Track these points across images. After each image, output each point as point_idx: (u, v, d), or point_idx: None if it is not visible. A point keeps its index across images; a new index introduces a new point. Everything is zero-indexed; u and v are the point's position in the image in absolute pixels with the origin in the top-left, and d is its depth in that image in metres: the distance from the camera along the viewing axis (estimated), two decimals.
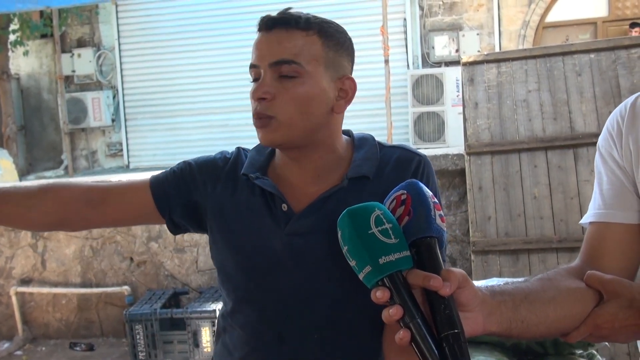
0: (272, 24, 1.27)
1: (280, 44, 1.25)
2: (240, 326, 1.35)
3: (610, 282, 1.08)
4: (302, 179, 1.34)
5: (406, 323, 0.88)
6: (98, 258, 4.81)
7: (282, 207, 1.31)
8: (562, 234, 3.69)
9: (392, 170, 1.33)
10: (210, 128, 10.86)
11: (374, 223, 0.92)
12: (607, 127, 1.22)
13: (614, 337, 1.10)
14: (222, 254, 1.37)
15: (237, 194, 1.36)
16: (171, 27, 10.89)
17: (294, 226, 1.30)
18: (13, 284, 4.90)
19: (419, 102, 9.38)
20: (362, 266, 0.91)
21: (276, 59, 1.25)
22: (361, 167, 1.32)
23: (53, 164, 11.71)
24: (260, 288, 1.33)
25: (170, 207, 1.40)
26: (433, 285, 0.88)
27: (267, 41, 1.27)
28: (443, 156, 4.22)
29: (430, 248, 0.94)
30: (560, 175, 3.78)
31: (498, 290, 1.03)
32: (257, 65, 1.28)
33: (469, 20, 10.14)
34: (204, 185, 1.39)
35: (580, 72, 3.97)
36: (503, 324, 1.00)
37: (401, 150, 1.38)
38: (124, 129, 11.33)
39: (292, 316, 1.30)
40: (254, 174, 1.35)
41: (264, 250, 1.32)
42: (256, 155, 1.40)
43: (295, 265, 1.30)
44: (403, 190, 0.99)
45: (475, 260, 3.81)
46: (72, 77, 11.22)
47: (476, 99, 4.07)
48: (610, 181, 1.20)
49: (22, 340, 4.90)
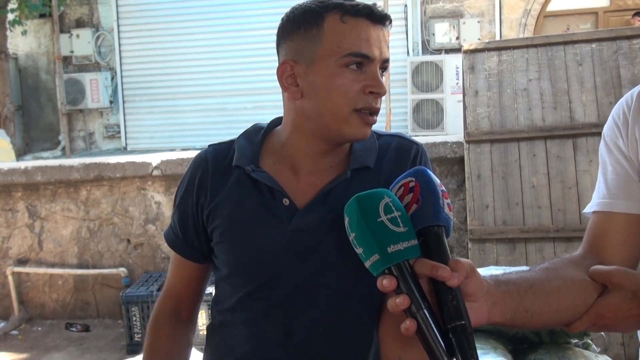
0: (378, 18, 1.23)
1: (386, 42, 1.25)
2: (243, 322, 1.33)
3: (614, 273, 1.08)
4: (303, 169, 1.31)
5: (412, 313, 0.87)
6: (95, 239, 4.81)
7: (283, 201, 1.28)
8: (559, 224, 3.69)
9: (391, 159, 1.33)
10: (207, 111, 10.85)
11: (383, 211, 0.90)
12: (612, 117, 1.21)
13: (617, 327, 1.10)
14: (225, 252, 1.33)
15: (232, 190, 1.32)
16: (170, 10, 10.84)
17: (299, 222, 1.27)
18: (10, 264, 4.90)
19: (418, 89, 9.37)
20: (370, 254, 0.90)
21: (387, 57, 1.25)
22: (363, 158, 1.31)
23: (50, 145, 11.69)
24: (266, 284, 1.30)
25: (205, 250, 1.40)
26: (441, 275, 0.88)
27: (377, 35, 1.23)
28: (442, 144, 4.21)
29: (438, 237, 0.93)
30: (559, 164, 3.78)
31: (503, 280, 1.03)
32: (372, 57, 1.21)
33: (470, 7, 10.11)
34: (198, 201, 1.35)
35: (581, 62, 3.95)
36: (507, 314, 1.00)
37: (398, 139, 1.37)
38: (122, 110, 11.30)
39: (298, 311, 1.29)
40: (249, 166, 1.30)
41: (268, 247, 1.28)
42: (247, 144, 1.35)
43: (300, 260, 1.27)
44: (411, 177, 0.97)
45: (472, 248, 3.81)
46: (70, 58, 11.17)
47: (476, 87, 4.06)
48: (615, 171, 1.19)
49: (18, 320, 4.91)
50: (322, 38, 1.21)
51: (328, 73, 1.21)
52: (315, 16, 1.22)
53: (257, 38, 10.17)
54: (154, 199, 4.67)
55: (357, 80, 1.21)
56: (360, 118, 1.22)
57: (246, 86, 10.52)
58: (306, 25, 1.23)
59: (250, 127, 1.41)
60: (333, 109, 1.22)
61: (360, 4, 1.22)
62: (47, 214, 4.84)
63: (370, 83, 1.21)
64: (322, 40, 1.21)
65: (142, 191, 4.68)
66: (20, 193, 4.87)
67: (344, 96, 1.21)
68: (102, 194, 4.75)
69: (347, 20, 1.21)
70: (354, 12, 1.21)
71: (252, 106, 10.49)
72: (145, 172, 4.59)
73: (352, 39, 1.20)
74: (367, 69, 1.21)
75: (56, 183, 4.77)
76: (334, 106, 1.22)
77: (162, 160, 4.56)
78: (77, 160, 4.94)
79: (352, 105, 1.21)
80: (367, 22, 1.22)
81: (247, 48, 10.38)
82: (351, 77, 1.20)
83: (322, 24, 1.22)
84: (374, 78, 1.21)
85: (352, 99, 1.21)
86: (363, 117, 1.22)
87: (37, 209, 4.85)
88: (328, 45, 1.21)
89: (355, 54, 1.20)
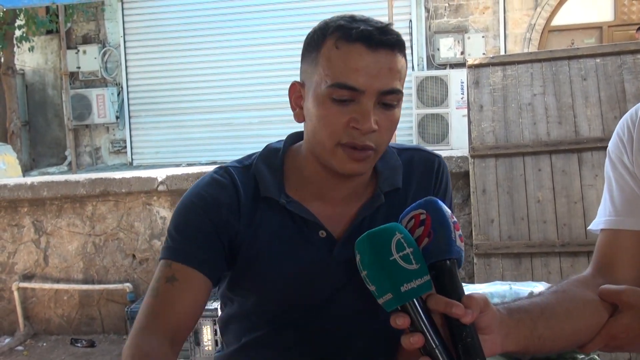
0: (378, 44, 1.11)
1: (391, 71, 1.12)
2: (276, 349, 1.29)
3: (625, 293, 1.07)
4: (329, 195, 1.24)
5: (427, 351, 0.87)
6: (100, 255, 4.81)
7: (319, 233, 1.22)
8: (565, 238, 3.68)
9: (417, 176, 1.29)
10: (213, 126, 10.88)
11: (395, 248, 0.88)
12: (617, 133, 1.20)
13: (630, 347, 1.09)
14: (260, 284, 1.25)
15: (267, 219, 1.24)
16: (176, 25, 10.90)
17: (340, 254, 1.22)
18: (15, 279, 4.90)
19: (423, 103, 9.38)
20: (383, 293, 0.89)
21: (388, 88, 1.13)
22: (392, 179, 1.26)
23: (57, 160, 11.73)
24: (306, 314, 1.26)
25: (219, 272, 1.26)
26: (455, 313, 0.87)
27: (375, 63, 1.10)
28: (447, 158, 4.21)
29: (450, 271, 0.92)
30: (564, 179, 3.77)
31: (514, 307, 1.02)
32: (361, 90, 1.11)
33: (474, 22, 10.14)
34: (227, 222, 1.23)
35: (585, 77, 3.96)
36: (521, 343, 0.99)
37: (419, 153, 1.32)
38: (128, 126, 11.35)
39: (333, 342, 1.26)
40: (280, 197, 1.23)
41: (312, 275, 1.23)
42: (268, 171, 1.26)
43: (339, 291, 1.24)
44: (422, 209, 0.96)
45: (477, 263, 3.80)
46: (77, 74, 11.24)
47: (481, 102, 4.07)
48: (620, 187, 1.19)
49: (24, 335, 4.90)
50: (318, 63, 1.14)
51: (317, 101, 1.14)
52: (317, 39, 1.16)
53: (264, 53, 10.23)
54: (160, 214, 4.67)
55: (344, 113, 1.12)
56: (345, 153, 1.14)
57: (252, 101, 10.56)
58: (310, 48, 1.18)
59: (265, 150, 1.31)
60: (320, 139, 1.16)
61: (359, 26, 1.12)
62: (52, 229, 4.85)
63: (356, 117, 1.12)
64: (318, 66, 1.14)
65: (148, 206, 4.69)
66: (26, 208, 4.88)
67: (328, 128, 1.13)
68: (108, 209, 4.76)
69: (341, 46, 1.12)
70: (348, 36, 1.11)
71: (258, 121, 10.51)
72: (150, 187, 4.60)
73: (341, 68, 1.11)
74: (358, 101, 1.12)
75: (62, 198, 4.79)
76: (320, 137, 1.16)
77: (167, 176, 4.57)
78: (83, 176, 4.96)
79: (336, 139, 1.14)
80: (363, 48, 1.11)
81: (253, 63, 10.43)
82: (336, 109, 1.12)
83: (321, 48, 1.15)
84: (361, 112, 1.11)
85: (336, 132, 1.13)
86: (348, 152, 1.14)
87: (42, 224, 4.86)
88: (321, 71, 1.13)
89: (339, 85, 1.11)
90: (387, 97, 1.13)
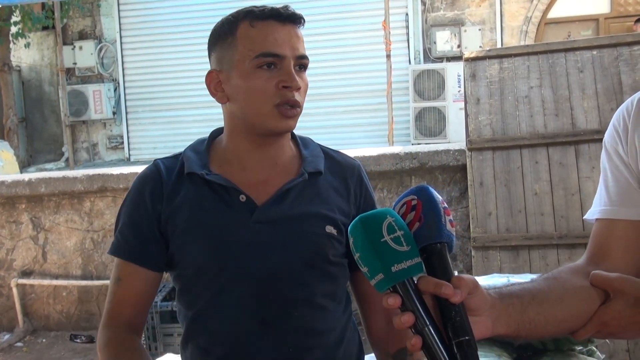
0: (285, 18, 1.34)
1: (299, 39, 1.36)
2: (220, 322, 1.38)
3: (616, 280, 1.08)
4: (250, 166, 1.40)
5: (418, 330, 0.89)
6: (99, 250, 4.81)
7: (240, 198, 1.37)
8: (562, 230, 3.69)
9: (337, 169, 1.47)
10: (210, 122, 10.74)
11: (386, 231, 0.91)
12: (613, 123, 1.21)
13: (621, 334, 1.10)
14: (191, 251, 1.38)
15: (188, 194, 1.39)
16: (172, 21, 10.88)
17: (261, 215, 1.37)
18: (14, 275, 4.91)
19: (420, 97, 9.38)
20: (375, 274, 0.91)
21: (301, 53, 1.35)
22: (315, 163, 1.44)
23: (54, 156, 11.72)
24: (236, 278, 1.36)
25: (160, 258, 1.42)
26: (444, 293, 0.89)
27: (288, 33, 1.34)
28: (444, 151, 4.22)
29: (440, 254, 0.94)
30: (561, 171, 3.78)
31: (506, 292, 1.03)
32: (282, 56, 1.32)
33: (471, 15, 10.13)
34: (154, 209, 1.40)
35: (582, 69, 3.96)
36: (511, 326, 1.01)
37: (340, 154, 1.52)
38: (125, 121, 11.33)
39: (271, 300, 1.36)
40: (202, 171, 1.39)
41: (233, 241, 1.36)
42: (194, 155, 1.44)
43: (265, 253, 1.35)
44: (413, 195, 0.98)
45: (475, 255, 3.81)
46: (73, 70, 11.21)
47: (478, 95, 4.07)
48: (615, 178, 1.20)
49: (23, 332, 4.91)
50: (236, 45, 1.35)
51: (245, 75, 1.33)
52: (230, 26, 1.36)
53: None
54: None
55: (271, 78, 1.32)
56: (279, 112, 1.33)
57: None
58: (223, 35, 1.37)
59: (194, 141, 1.51)
60: (254, 107, 1.34)
61: (267, 7, 1.34)
62: (51, 225, 4.85)
63: (283, 78, 1.32)
64: (237, 47, 1.34)
65: None
66: (24, 205, 4.88)
67: (262, 94, 1.32)
68: (106, 205, 4.76)
69: (256, 25, 1.33)
70: (261, 16, 1.33)
71: None
72: None
73: (261, 41, 1.32)
74: (281, 66, 1.32)
75: (60, 194, 4.79)
76: (255, 105, 1.34)
77: None
78: (80, 172, 4.96)
79: (271, 102, 1.32)
80: (275, 23, 1.33)
81: None
82: (265, 76, 1.32)
83: (235, 32, 1.35)
84: (286, 73, 1.32)
85: (270, 96, 1.32)
86: (282, 111, 1.33)
87: (41, 220, 4.87)
88: (242, 50, 1.34)
89: (265, 54, 1.32)
90: (303, 60, 1.36)
